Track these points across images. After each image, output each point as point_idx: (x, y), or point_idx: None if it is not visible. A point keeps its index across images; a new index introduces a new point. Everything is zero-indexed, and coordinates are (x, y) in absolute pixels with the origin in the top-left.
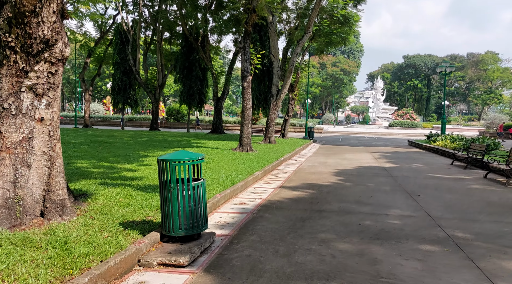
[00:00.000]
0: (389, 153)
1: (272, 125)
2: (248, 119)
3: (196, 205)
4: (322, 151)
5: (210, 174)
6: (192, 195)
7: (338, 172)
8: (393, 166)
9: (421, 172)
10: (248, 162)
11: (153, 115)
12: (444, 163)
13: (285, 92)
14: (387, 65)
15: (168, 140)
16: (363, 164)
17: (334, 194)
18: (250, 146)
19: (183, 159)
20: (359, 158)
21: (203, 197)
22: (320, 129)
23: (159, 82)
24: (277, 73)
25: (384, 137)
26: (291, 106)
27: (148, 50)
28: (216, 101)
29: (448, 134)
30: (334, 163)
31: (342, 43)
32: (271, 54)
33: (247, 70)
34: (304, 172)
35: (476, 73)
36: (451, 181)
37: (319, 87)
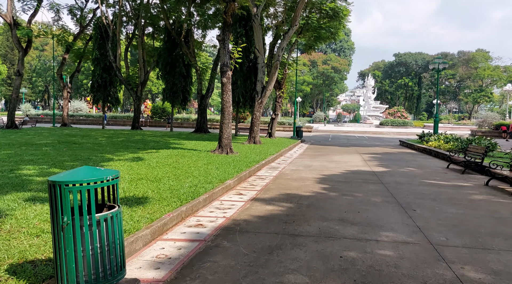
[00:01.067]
0: (379, 154)
1: (257, 124)
2: (228, 118)
3: (106, 245)
4: (309, 152)
5: (172, 184)
6: (99, 232)
7: (323, 178)
8: (384, 170)
9: (415, 177)
10: (224, 167)
11: (135, 113)
12: (439, 166)
13: (271, 89)
14: (378, 64)
15: (146, 140)
16: (352, 168)
17: (315, 208)
18: (230, 147)
19: (83, 180)
20: (347, 160)
21: (119, 233)
22: (309, 128)
23: (141, 79)
24: (262, 69)
25: (374, 136)
26: (279, 104)
27: (129, 46)
28: (200, 98)
29: (441, 134)
30: (320, 166)
31: (332, 38)
32: (255, 48)
33: (226, 65)
34: (285, 178)
35: (466, 72)
36: (449, 188)
37: (310, 86)
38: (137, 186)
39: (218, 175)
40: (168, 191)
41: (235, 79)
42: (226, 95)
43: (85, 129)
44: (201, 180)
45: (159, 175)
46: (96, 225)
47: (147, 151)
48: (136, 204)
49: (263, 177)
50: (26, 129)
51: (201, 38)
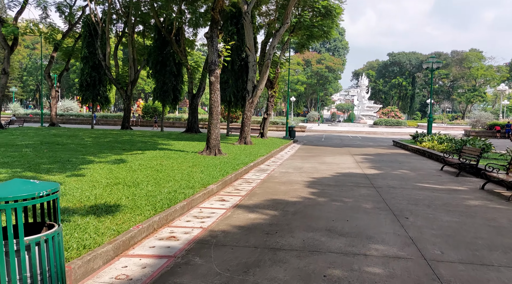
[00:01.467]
0: (372, 155)
1: (248, 124)
2: (216, 118)
3: (39, 274)
4: (301, 153)
5: (151, 189)
6: (30, 259)
7: (313, 182)
8: (376, 172)
9: (408, 180)
10: (209, 170)
11: (125, 113)
12: (433, 168)
13: (262, 88)
14: (372, 63)
15: (134, 141)
16: (343, 170)
17: (301, 216)
18: (218, 148)
19: (8, 197)
20: (339, 162)
21: (57, 257)
22: (303, 128)
23: (131, 78)
24: (253, 67)
25: (368, 136)
26: (271, 104)
27: (119, 44)
28: (191, 98)
29: (435, 135)
30: (311, 168)
31: (324, 36)
32: (246, 46)
33: (214, 63)
34: (273, 181)
35: (460, 71)
36: (444, 193)
37: (304, 85)
38: (111, 191)
39: (201, 178)
40: (144, 198)
41: (226, 78)
42: (214, 94)
43: (73, 129)
44: (183, 184)
45: (138, 179)
46: (26, 250)
47: (132, 152)
48: (106, 213)
49: (250, 180)
50: (12, 129)
51: (193, 37)
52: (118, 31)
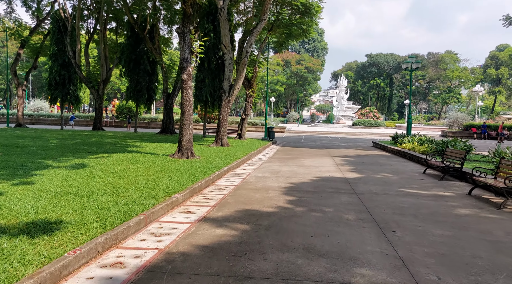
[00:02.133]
0: (352, 157)
1: (224, 125)
2: (189, 118)
3: None
4: (279, 155)
5: (106, 200)
6: None
7: (291, 188)
8: (357, 176)
9: (391, 184)
10: (178, 175)
11: (96, 113)
12: (415, 170)
13: (239, 87)
14: (350, 64)
15: (103, 143)
16: (323, 174)
17: (275, 232)
18: (191, 151)
19: None
20: (318, 165)
21: None
22: (282, 129)
23: (102, 76)
24: (230, 66)
25: (347, 137)
26: (249, 104)
27: (90, 41)
28: (166, 97)
29: (415, 136)
30: (289, 172)
31: (303, 35)
32: (222, 44)
33: (186, 60)
34: (248, 188)
35: (436, 73)
36: (430, 199)
37: (283, 85)
38: (58, 203)
39: (167, 186)
40: (95, 211)
41: (202, 77)
42: (187, 93)
43: (41, 130)
44: (145, 193)
45: (95, 187)
46: None
47: (97, 155)
48: (42, 233)
49: (223, 187)
50: None
51: (168, 34)
52: (89, 28)
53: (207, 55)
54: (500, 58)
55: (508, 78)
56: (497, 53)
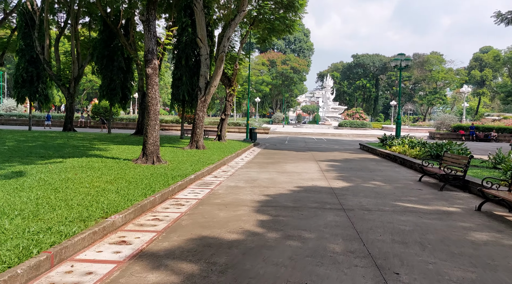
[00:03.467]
0: (339, 161)
1: (200, 126)
2: (154, 118)
3: None
4: (259, 159)
5: (12, 226)
6: None
7: (266, 202)
8: (345, 185)
9: (385, 196)
10: (131, 187)
11: (67, 113)
12: (410, 178)
13: (216, 85)
14: (336, 65)
15: (66, 145)
16: (306, 182)
17: (234, 278)
18: (157, 155)
19: None
20: (302, 171)
21: None
22: (266, 130)
23: (74, 74)
24: (206, 62)
25: (333, 138)
26: (229, 103)
27: (61, 36)
28: (141, 96)
29: (405, 138)
30: (267, 180)
31: (287, 31)
32: (197, 37)
33: (151, 52)
34: (213, 203)
35: (421, 74)
36: (434, 218)
37: (269, 86)
38: None
39: (111, 202)
40: None
41: (180, 75)
42: (152, 90)
43: (5, 131)
44: (74, 214)
45: (14, 204)
46: None
47: (49, 160)
48: None
49: (183, 201)
50: None
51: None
52: (60, 22)
53: (184, 52)
54: (484, 60)
55: (492, 79)
56: (481, 55)
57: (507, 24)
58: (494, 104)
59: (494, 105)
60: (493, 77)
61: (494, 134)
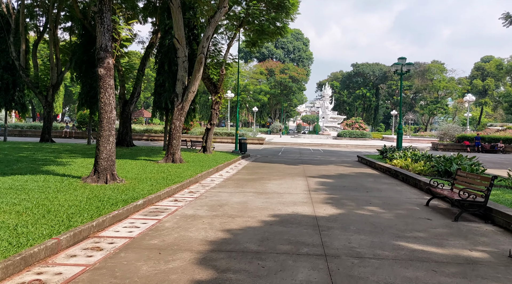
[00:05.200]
0: (332, 177)
1: (177, 137)
2: (108, 128)
3: None
4: (241, 175)
5: None
6: None
7: (220, 244)
8: (333, 213)
9: (384, 231)
10: (44, 219)
11: (45, 123)
12: (414, 200)
13: (195, 91)
14: (336, 74)
15: (26, 158)
16: (285, 208)
17: None
18: (112, 172)
19: None
20: (285, 191)
21: None
22: (261, 140)
23: (52, 81)
24: (183, 65)
25: (331, 149)
26: (215, 111)
27: (39, 41)
28: (122, 105)
29: (407, 150)
30: (238, 205)
31: (278, 33)
32: (174, 38)
33: (105, 49)
34: (145, 246)
35: (422, 83)
36: (456, 276)
37: (267, 95)
38: None
39: None
40: None
41: (162, 81)
42: (105, 94)
43: None
44: None
45: None
46: None
47: None
48: None
49: (105, 243)
50: None
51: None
52: (38, 26)
53: (167, 56)
54: (486, 69)
55: (494, 89)
56: (483, 64)
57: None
58: (497, 114)
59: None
60: (496, 86)
61: (501, 145)
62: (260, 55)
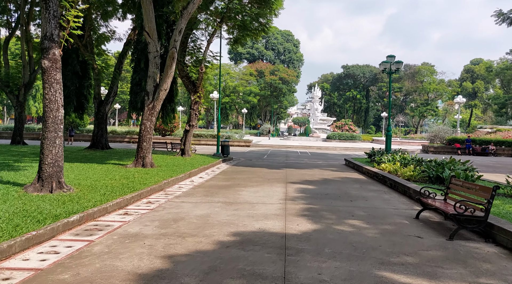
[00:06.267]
0: (315, 183)
1: (147, 139)
2: (53, 129)
3: None
4: (215, 181)
5: None
6: None
7: (149, 280)
8: (308, 229)
9: (365, 258)
10: None
11: (16, 124)
12: (403, 212)
13: (166, 89)
14: (326, 76)
15: None
16: (252, 224)
17: None
18: (59, 179)
19: None
20: (259, 200)
21: None
22: (248, 143)
23: (24, 79)
24: (155, 60)
25: (319, 152)
26: (194, 112)
27: (11, 37)
28: (98, 105)
29: (395, 153)
30: (197, 220)
31: (261, 30)
32: (145, 31)
33: (50, 38)
34: None
35: (413, 85)
36: None
37: (257, 97)
38: None
39: None
40: None
41: (138, 79)
42: (51, 90)
43: None
44: None
45: None
46: None
47: None
48: None
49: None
50: None
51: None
52: (11, 22)
53: (143, 53)
54: (475, 72)
55: (483, 91)
56: (473, 67)
57: (510, 25)
58: (486, 117)
59: (486, 118)
60: (485, 89)
61: (493, 148)
62: (250, 57)
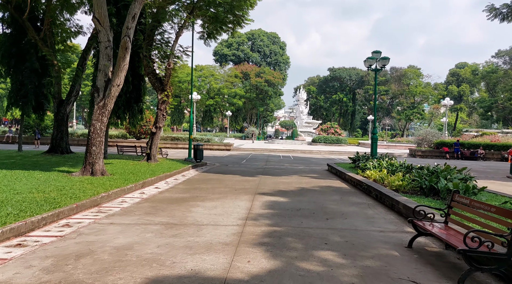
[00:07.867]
0: (288, 194)
1: (97, 143)
2: None
3: None
4: (171, 192)
5: None
6: None
7: None
8: (259, 271)
9: None
10: None
11: None
12: (391, 238)
13: (120, 84)
14: (313, 79)
15: None
16: (185, 261)
17: None
18: None
19: None
20: (212, 220)
21: None
22: (228, 146)
23: None
24: (106, 51)
25: (302, 156)
26: (161, 112)
27: None
28: (57, 105)
29: (382, 159)
30: (110, 256)
31: (236, 23)
32: (94, 17)
33: None
34: None
35: (399, 88)
36: None
37: (242, 99)
38: None
39: None
40: None
41: None
42: None
43: None
44: None
45: None
46: None
47: None
48: None
49: None
50: None
51: (65, 21)
52: None
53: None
54: (461, 75)
55: (469, 94)
56: (458, 70)
57: (502, 21)
58: (471, 120)
59: (471, 121)
60: (470, 92)
61: (482, 151)
62: (236, 58)
